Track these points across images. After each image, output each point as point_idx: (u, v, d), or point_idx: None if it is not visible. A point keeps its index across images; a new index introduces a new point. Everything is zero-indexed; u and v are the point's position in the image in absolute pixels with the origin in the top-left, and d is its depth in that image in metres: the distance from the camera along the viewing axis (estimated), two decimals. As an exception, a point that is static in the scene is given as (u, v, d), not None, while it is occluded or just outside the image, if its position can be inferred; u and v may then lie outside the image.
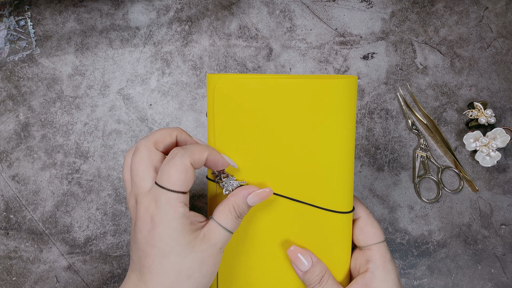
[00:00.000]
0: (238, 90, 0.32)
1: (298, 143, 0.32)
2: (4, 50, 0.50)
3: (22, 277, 0.47)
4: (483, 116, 0.47)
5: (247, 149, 0.33)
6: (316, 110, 0.31)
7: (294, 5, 0.50)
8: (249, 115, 0.32)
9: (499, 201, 0.48)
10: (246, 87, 0.32)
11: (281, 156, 0.33)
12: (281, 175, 0.33)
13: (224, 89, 0.32)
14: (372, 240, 0.33)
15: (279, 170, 0.33)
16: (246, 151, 0.33)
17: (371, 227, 0.34)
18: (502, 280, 0.48)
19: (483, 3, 0.50)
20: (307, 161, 0.32)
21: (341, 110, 0.31)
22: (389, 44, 0.50)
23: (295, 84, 0.31)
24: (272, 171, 0.33)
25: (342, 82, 0.31)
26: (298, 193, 0.33)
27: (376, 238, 0.33)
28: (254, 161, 0.33)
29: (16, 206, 0.48)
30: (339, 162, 0.32)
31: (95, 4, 0.50)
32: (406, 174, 0.49)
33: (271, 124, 0.32)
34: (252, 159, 0.33)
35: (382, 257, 0.33)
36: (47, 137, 0.48)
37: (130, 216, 0.35)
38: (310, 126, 0.32)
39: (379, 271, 0.32)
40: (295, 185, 0.33)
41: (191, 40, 0.50)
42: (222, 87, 0.32)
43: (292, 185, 0.33)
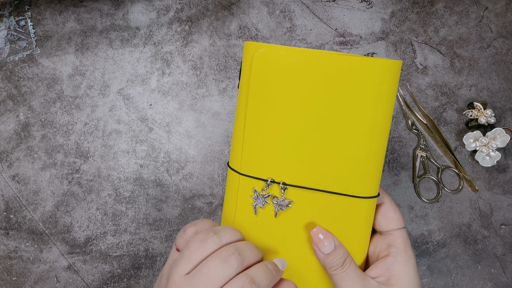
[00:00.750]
0: (280, 62, 0.30)
1: (333, 123, 0.31)
2: (4, 50, 0.50)
3: (22, 277, 0.47)
4: (483, 116, 0.47)
5: (278, 122, 0.32)
6: (357, 90, 0.30)
7: (294, 5, 0.50)
8: (286, 89, 0.31)
9: (499, 201, 0.48)
10: (289, 59, 0.30)
11: (313, 134, 0.31)
12: (308, 154, 0.32)
13: (264, 58, 0.31)
14: (395, 225, 0.34)
15: (309, 148, 0.32)
16: (276, 125, 0.32)
17: (393, 213, 0.34)
18: (502, 280, 0.48)
19: (483, 3, 0.50)
20: (339, 142, 0.31)
21: (383, 92, 0.31)
22: (389, 44, 0.50)
23: (341, 61, 0.30)
24: (301, 149, 0.32)
25: (388, 64, 0.30)
26: (324, 177, 0.32)
27: (398, 224, 0.34)
28: (284, 138, 0.32)
29: (16, 206, 0.48)
30: (374, 144, 0.31)
31: (95, 4, 0.50)
32: (406, 174, 0.49)
33: (307, 100, 0.31)
34: (282, 135, 0.32)
35: (403, 243, 0.33)
36: (47, 137, 0.48)
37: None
38: (349, 106, 0.31)
39: (400, 256, 0.32)
40: (322, 167, 0.32)
41: (191, 40, 0.50)
42: (262, 56, 0.31)
43: (319, 167, 0.32)
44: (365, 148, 0.31)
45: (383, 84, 0.31)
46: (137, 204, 0.48)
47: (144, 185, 0.48)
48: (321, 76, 0.30)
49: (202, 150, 0.49)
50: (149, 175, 0.48)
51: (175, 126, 0.49)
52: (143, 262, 0.48)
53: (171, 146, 0.49)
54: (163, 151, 0.49)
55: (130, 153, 0.49)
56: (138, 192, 0.48)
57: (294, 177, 0.32)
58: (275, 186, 0.33)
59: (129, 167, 0.48)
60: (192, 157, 0.49)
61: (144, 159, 0.48)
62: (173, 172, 0.48)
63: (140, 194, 0.48)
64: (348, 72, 0.30)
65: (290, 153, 0.32)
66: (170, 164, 0.49)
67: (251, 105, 0.32)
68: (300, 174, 0.32)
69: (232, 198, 0.34)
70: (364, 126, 0.31)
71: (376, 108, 0.31)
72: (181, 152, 0.49)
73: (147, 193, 0.48)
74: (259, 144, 0.33)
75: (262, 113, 0.32)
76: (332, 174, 0.32)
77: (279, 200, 0.32)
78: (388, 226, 0.34)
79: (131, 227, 0.48)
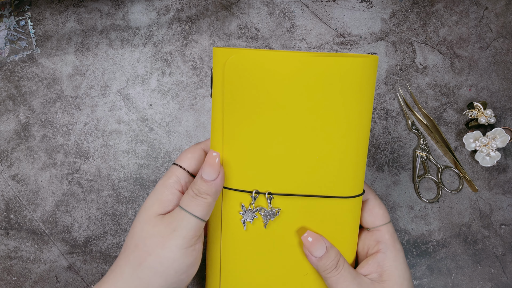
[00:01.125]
0: (252, 67, 0.29)
1: (311, 125, 0.30)
2: (4, 50, 0.50)
3: (22, 277, 0.47)
4: (483, 116, 0.47)
5: (257, 130, 0.31)
6: (333, 89, 0.30)
7: (294, 5, 0.50)
8: (262, 94, 0.30)
9: (499, 201, 0.48)
10: (261, 63, 0.29)
11: (293, 138, 0.31)
12: (291, 160, 0.31)
13: (236, 65, 0.29)
14: (381, 221, 0.34)
15: (290, 154, 0.31)
16: (255, 133, 0.31)
17: (379, 209, 0.34)
18: (502, 280, 0.48)
19: (483, 3, 0.50)
20: (320, 144, 0.31)
21: (360, 89, 0.30)
22: (389, 44, 0.50)
23: (314, 61, 0.29)
24: (283, 156, 0.31)
25: (362, 61, 0.29)
26: (308, 181, 0.32)
27: (385, 219, 0.34)
28: (264, 145, 0.31)
29: (16, 206, 0.48)
30: (355, 143, 0.31)
31: (95, 4, 0.50)
32: (406, 174, 0.49)
33: (285, 103, 0.30)
34: (263, 142, 0.31)
35: (391, 237, 0.33)
36: (47, 137, 0.49)
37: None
38: (326, 106, 0.30)
39: (390, 251, 0.33)
40: (305, 172, 0.31)
41: (191, 40, 0.50)
42: (234, 63, 0.29)
43: (302, 172, 0.31)
44: (346, 148, 0.31)
45: (360, 81, 0.30)
46: (137, 204, 0.48)
47: (144, 185, 0.48)
48: (295, 78, 0.29)
49: (202, 150, 0.49)
50: (149, 175, 0.48)
51: (175, 126, 0.49)
52: (143, 262, 0.48)
53: (171, 146, 0.49)
54: (163, 151, 0.49)
55: (130, 153, 0.49)
56: (138, 192, 0.48)
57: (279, 185, 0.32)
58: (261, 196, 0.32)
59: (129, 167, 0.48)
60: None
61: (144, 159, 0.48)
62: (173, 172, 0.48)
63: (140, 194, 0.48)
64: (322, 72, 0.29)
65: (272, 160, 0.31)
66: (170, 164, 0.49)
67: (227, 115, 0.31)
68: (284, 181, 0.32)
69: (216, 214, 0.34)
70: (342, 125, 0.31)
71: (353, 106, 0.30)
72: (181, 152, 0.49)
73: (147, 193, 0.48)
74: (240, 154, 0.32)
75: (240, 121, 0.31)
76: (316, 177, 0.32)
77: (267, 210, 0.32)
78: (374, 223, 0.34)
79: (131, 227, 0.48)
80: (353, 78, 0.30)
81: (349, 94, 0.30)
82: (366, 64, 0.30)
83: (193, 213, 0.30)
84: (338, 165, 0.31)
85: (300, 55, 0.29)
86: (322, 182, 0.32)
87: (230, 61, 0.29)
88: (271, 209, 0.32)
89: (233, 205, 0.33)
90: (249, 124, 0.31)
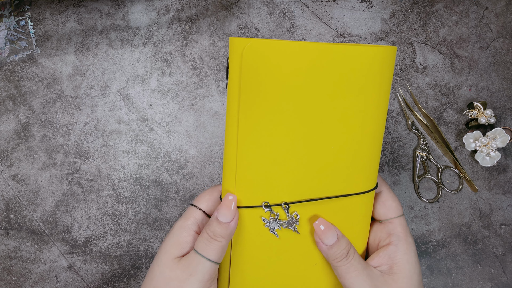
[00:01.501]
0: (270, 55, 0.28)
1: (330, 117, 0.30)
2: (4, 50, 0.50)
3: (22, 277, 0.47)
4: (483, 116, 0.47)
5: (274, 122, 0.30)
6: (352, 79, 0.29)
7: (294, 5, 0.50)
8: (280, 83, 0.29)
9: (499, 201, 0.48)
10: (279, 52, 0.28)
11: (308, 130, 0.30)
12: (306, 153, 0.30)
13: (254, 52, 0.28)
14: (394, 213, 0.34)
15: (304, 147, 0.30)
16: (272, 125, 0.30)
17: (392, 201, 0.34)
18: (502, 280, 0.48)
19: (483, 3, 0.50)
20: (336, 136, 0.30)
21: (378, 80, 0.29)
22: (389, 44, 0.50)
23: (333, 50, 0.28)
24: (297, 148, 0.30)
25: (382, 50, 0.28)
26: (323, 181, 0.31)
27: (397, 212, 0.34)
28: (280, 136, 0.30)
29: (16, 206, 0.48)
30: (371, 136, 0.31)
31: (95, 4, 0.50)
32: (406, 174, 0.49)
33: (303, 94, 0.29)
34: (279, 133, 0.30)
35: (404, 230, 0.33)
36: (47, 137, 0.49)
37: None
38: (344, 96, 0.29)
39: (401, 244, 0.32)
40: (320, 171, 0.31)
41: (191, 40, 0.50)
42: (252, 50, 0.28)
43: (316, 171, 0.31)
44: (362, 141, 0.31)
45: (377, 71, 0.29)
46: (137, 204, 0.48)
47: (144, 185, 0.48)
48: (314, 67, 0.29)
49: (202, 150, 0.49)
50: (149, 175, 0.48)
51: (175, 126, 0.49)
52: (143, 262, 0.48)
53: (171, 146, 0.49)
54: (163, 151, 0.49)
55: (130, 153, 0.49)
56: (138, 192, 0.48)
57: (294, 192, 0.31)
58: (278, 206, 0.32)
59: (129, 167, 0.48)
60: (192, 157, 0.49)
61: (144, 159, 0.48)
62: (173, 172, 0.48)
63: (140, 194, 0.48)
64: (341, 61, 0.28)
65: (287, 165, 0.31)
66: (170, 164, 0.49)
67: (243, 104, 0.30)
68: (299, 187, 0.31)
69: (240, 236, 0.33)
70: (359, 117, 0.30)
71: (371, 97, 0.30)
72: (181, 152, 0.49)
73: (147, 193, 0.48)
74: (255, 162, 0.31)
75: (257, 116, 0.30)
76: (331, 175, 0.31)
77: (287, 222, 0.32)
78: (387, 215, 0.34)
79: (131, 227, 0.48)
80: (373, 68, 0.29)
81: (368, 84, 0.29)
82: (386, 53, 0.29)
83: (208, 258, 0.31)
84: (353, 159, 0.31)
85: (319, 44, 0.28)
86: (337, 180, 0.31)
87: (248, 48, 0.28)
88: (290, 217, 0.32)
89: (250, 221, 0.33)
90: (266, 117, 0.30)
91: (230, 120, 0.31)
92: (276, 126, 0.30)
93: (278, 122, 0.30)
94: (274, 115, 0.30)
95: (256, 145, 0.31)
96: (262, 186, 0.31)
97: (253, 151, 0.31)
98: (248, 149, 0.31)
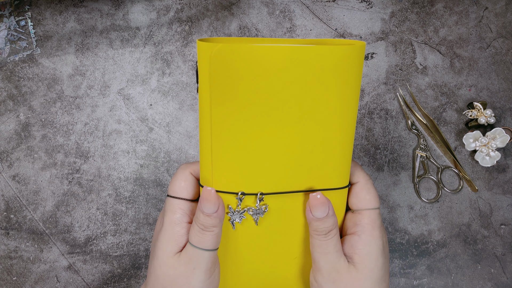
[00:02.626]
0: (238, 60, 0.29)
1: (298, 117, 0.30)
2: (4, 50, 0.50)
3: (23, 277, 0.47)
4: (483, 116, 0.47)
5: (246, 123, 0.30)
6: (320, 78, 0.29)
7: (294, 5, 0.50)
8: (249, 85, 0.29)
9: (499, 201, 0.48)
10: (247, 55, 0.29)
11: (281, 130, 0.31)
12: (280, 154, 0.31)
13: (221, 58, 0.29)
14: (364, 205, 0.34)
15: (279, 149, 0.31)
16: (245, 126, 0.31)
17: (366, 193, 0.34)
18: (502, 280, 0.48)
19: (483, 3, 0.50)
20: (306, 136, 0.31)
21: (347, 76, 0.30)
22: (388, 44, 0.50)
23: (298, 52, 0.28)
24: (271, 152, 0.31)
25: (349, 49, 0.29)
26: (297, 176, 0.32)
27: (369, 204, 0.34)
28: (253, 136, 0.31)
29: (17, 206, 0.48)
30: (341, 135, 0.31)
31: (95, 4, 0.50)
32: (405, 174, 0.49)
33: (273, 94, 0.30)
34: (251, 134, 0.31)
35: (371, 223, 0.33)
36: (48, 137, 0.49)
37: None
38: (312, 96, 0.30)
39: (365, 235, 0.33)
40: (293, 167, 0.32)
41: (191, 40, 0.50)
42: (219, 56, 0.29)
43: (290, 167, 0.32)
44: (332, 140, 0.31)
45: (347, 70, 0.29)
46: (137, 204, 0.48)
47: (144, 185, 0.48)
48: (282, 68, 0.29)
49: (202, 150, 0.49)
50: (149, 175, 0.48)
51: (175, 126, 0.49)
52: (143, 262, 0.48)
53: (171, 146, 0.49)
54: (163, 151, 0.49)
55: (130, 153, 0.49)
56: (138, 192, 0.48)
57: (269, 183, 0.32)
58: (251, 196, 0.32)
59: (129, 167, 0.48)
60: (192, 157, 0.49)
61: (144, 159, 0.49)
62: (173, 172, 0.48)
63: (140, 194, 0.48)
64: (308, 61, 0.29)
65: (262, 157, 0.31)
66: (170, 164, 0.49)
67: (215, 108, 0.30)
68: (274, 179, 0.32)
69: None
70: (328, 116, 0.30)
71: (340, 95, 0.30)
72: (181, 152, 0.49)
73: (147, 193, 0.48)
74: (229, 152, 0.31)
75: (228, 115, 0.30)
76: (304, 172, 0.32)
77: (255, 209, 0.32)
78: (357, 205, 0.34)
79: (131, 227, 0.48)
80: (338, 66, 0.29)
81: (334, 82, 0.30)
82: (351, 51, 0.29)
83: (205, 248, 0.31)
84: (325, 156, 0.32)
85: (284, 47, 0.29)
86: (310, 176, 0.32)
87: (215, 53, 0.29)
88: (259, 207, 0.33)
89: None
90: (238, 118, 0.30)
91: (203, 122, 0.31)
92: (249, 123, 0.30)
93: (250, 120, 0.30)
94: (245, 114, 0.30)
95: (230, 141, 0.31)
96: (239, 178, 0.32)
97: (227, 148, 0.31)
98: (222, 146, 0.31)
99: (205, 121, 0.31)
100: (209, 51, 0.29)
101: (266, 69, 0.29)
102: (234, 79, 0.29)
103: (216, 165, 0.32)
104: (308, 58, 0.29)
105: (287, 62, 0.29)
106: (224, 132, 0.31)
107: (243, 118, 0.30)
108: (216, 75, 0.29)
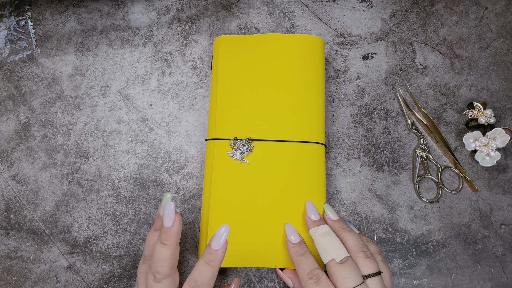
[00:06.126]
0: (236, 48, 0.45)
1: (281, 88, 0.43)
2: (4, 50, 0.50)
3: (23, 277, 0.47)
4: (483, 116, 0.47)
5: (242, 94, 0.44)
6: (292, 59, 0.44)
7: (294, 5, 0.50)
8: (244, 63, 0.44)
9: (499, 201, 0.48)
10: (241, 45, 0.45)
11: (268, 98, 0.43)
12: (267, 117, 0.43)
13: (226, 47, 0.45)
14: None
15: (267, 109, 0.43)
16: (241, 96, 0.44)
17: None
18: (502, 280, 0.48)
19: (483, 3, 0.50)
20: (288, 101, 0.43)
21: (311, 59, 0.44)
22: (388, 44, 0.50)
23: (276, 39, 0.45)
24: (261, 111, 0.43)
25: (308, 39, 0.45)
26: (280, 130, 0.43)
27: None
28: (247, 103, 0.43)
29: (17, 206, 0.48)
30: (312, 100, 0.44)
31: (95, 4, 0.50)
32: (405, 174, 0.49)
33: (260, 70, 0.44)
34: (246, 101, 0.43)
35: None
36: (48, 137, 0.49)
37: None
38: (289, 72, 0.44)
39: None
40: (277, 123, 0.43)
41: (191, 40, 0.50)
42: (224, 45, 0.45)
43: (275, 123, 0.43)
44: (306, 105, 0.43)
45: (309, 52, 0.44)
46: (137, 204, 0.48)
47: (144, 185, 0.48)
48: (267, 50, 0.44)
49: (202, 150, 0.49)
50: (149, 175, 0.48)
51: (175, 126, 0.49)
52: (143, 262, 0.48)
53: (171, 146, 0.49)
54: (163, 151, 0.49)
55: (130, 153, 0.49)
56: (138, 192, 0.48)
57: (255, 132, 0.43)
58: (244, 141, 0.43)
59: (129, 167, 0.48)
60: (192, 157, 0.49)
61: (144, 159, 0.49)
62: (173, 172, 0.48)
63: (140, 194, 0.48)
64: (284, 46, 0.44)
65: (253, 115, 0.43)
66: (170, 164, 0.49)
67: (220, 85, 0.44)
68: (262, 130, 0.43)
69: (209, 162, 0.43)
70: (302, 87, 0.44)
71: (307, 72, 0.44)
72: (181, 152, 0.49)
73: (147, 193, 0.48)
74: (229, 111, 0.43)
75: (230, 84, 0.44)
76: (285, 127, 0.43)
77: (244, 146, 0.42)
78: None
79: (131, 227, 0.48)
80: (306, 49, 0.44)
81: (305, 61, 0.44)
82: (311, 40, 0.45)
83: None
84: (301, 116, 0.43)
85: (265, 35, 0.45)
86: (290, 131, 0.43)
87: (222, 44, 0.45)
88: (247, 144, 0.42)
89: (222, 151, 0.43)
90: (235, 88, 0.44)
91: (212, 91, 0.45)
92: (243, 90, 0.44)
93: (245, 88, 0.44)
94: (241, 83, 0.44)
95: (229, 99, 0.44)
96: (234, 129, 0.43)
97: (227, 103, 0.44)
98: (224, 102, 0.44)
99: (213, 90, 0.45)
100: (218, 42, 0.45)
101: (256, 50, 0.44)
102: (234, 58, 0.44)
103: (219, 120, 0.44)
104: (282, 43, 0.44)
105: (269, 46, 0.44)
106: (226, 97, 0.44)
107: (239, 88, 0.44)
108: (223, 56, 0.44)
